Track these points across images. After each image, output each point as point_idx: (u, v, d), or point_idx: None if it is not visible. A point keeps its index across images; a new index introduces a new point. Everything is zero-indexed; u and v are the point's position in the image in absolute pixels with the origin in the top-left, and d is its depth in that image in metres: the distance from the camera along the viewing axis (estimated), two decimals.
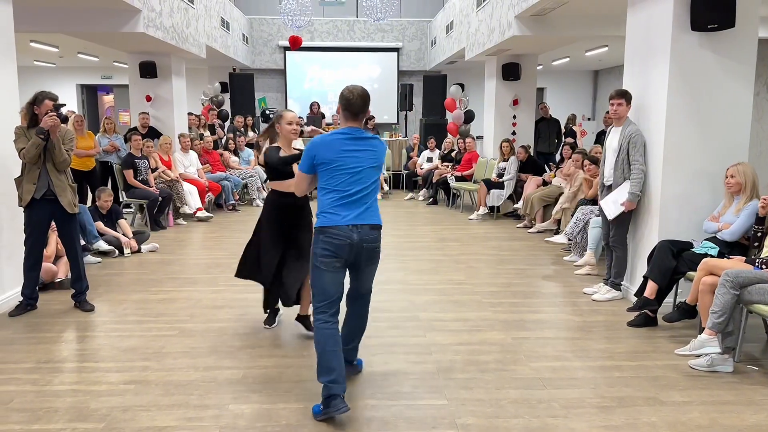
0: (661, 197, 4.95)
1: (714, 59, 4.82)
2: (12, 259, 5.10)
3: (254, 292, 5.51)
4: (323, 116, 14.72)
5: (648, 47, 5.14)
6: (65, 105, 4.84)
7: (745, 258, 4.25)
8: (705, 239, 4.65)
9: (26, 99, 4.92)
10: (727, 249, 4.46)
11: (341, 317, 3.38)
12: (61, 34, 8.98)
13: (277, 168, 4.18)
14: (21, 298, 4.96)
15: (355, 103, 3.25)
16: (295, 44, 14.03)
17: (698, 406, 3.41)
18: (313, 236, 3.29)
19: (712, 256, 4.38)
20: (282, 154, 4.18)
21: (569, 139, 10.04)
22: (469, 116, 12.09)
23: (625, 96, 5.16)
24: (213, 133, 11.73)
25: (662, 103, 4.91)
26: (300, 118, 15.02)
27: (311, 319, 3.75)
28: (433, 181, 11.26)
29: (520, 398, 3.47)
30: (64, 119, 4.71)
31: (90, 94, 18.83)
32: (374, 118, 15.01)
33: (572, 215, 7.02)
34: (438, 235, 8.28)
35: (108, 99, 19.26)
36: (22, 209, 4.83)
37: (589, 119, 17.64)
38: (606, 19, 8.53)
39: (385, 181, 12.26)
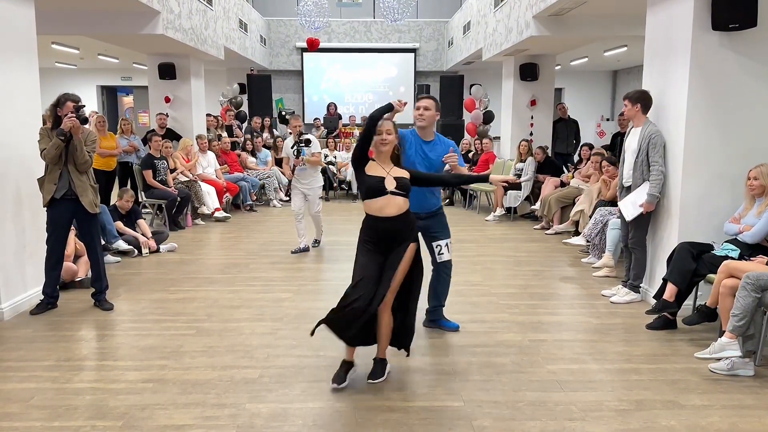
0: (681, 199, 4.90)
1: (735, 59, 4.76)
2: (34, 258, 5.18)
3: (270, 292, 5.54)
4: (340, 117, 14.74)
5: (668, 47, 5.09)
6: (85, 106, 4.90)
7: (766, 260, 4.18)
8: (726, 241, 4.59)
9: (48, 100, 5.00)
10: (748, 251, 4.39)
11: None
12: (81, 36, 9.10)
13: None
14: (42, 297, 5.03)
15: None
16: (313, 46, 14.07)
17: (718, 410, 3.36)
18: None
19: (732, 258, 4.32)
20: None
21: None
22: (488, 117, 12.05)
23: (630, 98, 5.11)
24: (231, 134, 11.81)
25: (682, 104, 4.85)
26: (317, 119, 15.12)
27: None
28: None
29: (537, 401, 3.45)
30: (84, 120, 4.77)
31: (110, 95, 19.04)
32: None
33: (590, 217, 6.97)
34: (454, 236, 8.18)
35: (127, 100, 19.46)
36: (45, 209, 4.90)
37: (607, 120, 17.49)
38: (625, 18, 8.45)
39: None
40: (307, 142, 7.00)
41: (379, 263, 3.57)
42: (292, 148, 7.03)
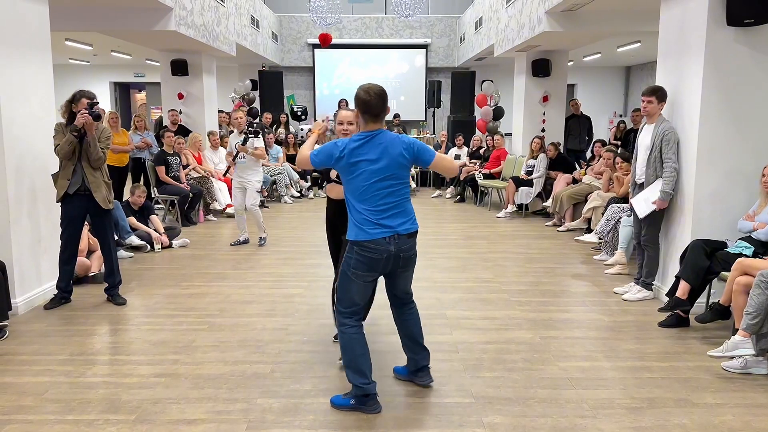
0: (695, 196, 4.86)
1: (750, 55, 4.71)
2: (48, 252, 5.23)
3: (282, 287, 5.56)
4: None
5: (682, 43, 5.04)
6: (99, 103, 4.93)
7: None
8: (739, 239, 4.55)
9: (61, 97, 5.03)
10: (762, 249, 4.36)
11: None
12: (95, 32, 9.16)
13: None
14: (56, 291, 5.09)
15: (374, 104, 3.12)
16: (325, 42, 14.07)
17: (731, 408, 3.34)
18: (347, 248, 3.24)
19: (746, 255, 4.29)
20: None
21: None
22: (497, 113, 12.00)
23: (656, 93, 5.06)
24: None
25: (696, 100, 4.81)
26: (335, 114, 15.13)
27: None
28: (461, 178, 11.21)
29: (548, 398, 3.44)
30: (98, 117, 4.79)
31: (123, 91, 19.16)
32: (399, 116, 15.01)
33: (603, 213, 6.93)
34: (465, 233, 8.25)
35: (140, 97, 19.57)
36: (59, 204, 4.94)
37: (620, 116, 17.38)
38: (638, 14, 8.38)
39: (412, 178, 12.25)
40: (256, 133, 7.19)
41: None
42: (241, 134, 7.17)
